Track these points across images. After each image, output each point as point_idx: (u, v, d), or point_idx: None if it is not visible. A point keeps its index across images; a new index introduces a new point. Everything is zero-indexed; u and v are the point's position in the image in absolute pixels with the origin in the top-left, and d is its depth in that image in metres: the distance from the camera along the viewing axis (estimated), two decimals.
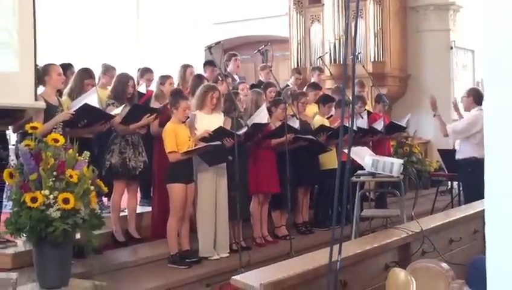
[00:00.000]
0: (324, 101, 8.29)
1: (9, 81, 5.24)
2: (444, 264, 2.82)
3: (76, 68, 6.98)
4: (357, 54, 10.95)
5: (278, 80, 8.23)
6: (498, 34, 1.93)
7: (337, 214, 2.59)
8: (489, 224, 1.88)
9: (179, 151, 6.17)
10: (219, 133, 6.42)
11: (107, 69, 7.55)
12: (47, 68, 5.86)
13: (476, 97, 7.69)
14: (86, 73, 6.59)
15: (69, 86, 6.45)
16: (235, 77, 8.81)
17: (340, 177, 2.37)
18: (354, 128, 7.43)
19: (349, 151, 2.49)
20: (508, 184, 1.84)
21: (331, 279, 2.49)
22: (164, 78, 7.37)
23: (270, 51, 9.31)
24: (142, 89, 7.68)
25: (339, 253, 2.43)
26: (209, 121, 6.55)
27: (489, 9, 1.95)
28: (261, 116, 7.03)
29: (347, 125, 5.97)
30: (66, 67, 6.76)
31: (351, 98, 4.69)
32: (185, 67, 7.91)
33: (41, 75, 5.73)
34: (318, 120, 8.06)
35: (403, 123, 9.26)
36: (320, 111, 8.25)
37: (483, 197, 1.94)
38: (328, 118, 8.24)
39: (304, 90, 8.54)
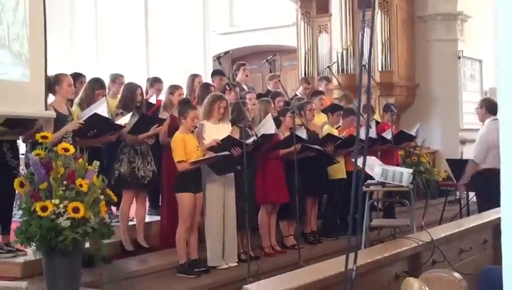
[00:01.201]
0: (332, 110, 8.31)
1: (20, 91, 5.28)
2: (457, 274, 2.81)
3: (87, 78, 7.00)
4: (365, 63, 10.97)
5: (286, 89, 8.24)
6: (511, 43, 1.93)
7: (353, 222, 2.59)
8: (506, 234, 1.88)
9: (188, 160, 6.18)
10: (227, 142, 6.43)
11: (116, 77, 7.58)
12: (58, 78, 5.88)
13: (488, 107, 7.68)
14: (97, 83, 6.61)
15: (79, 95, 6.46)
16: (244, 86, 8.82)
17: (355, 186, 2.37)
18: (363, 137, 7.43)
19: (364, 162, 2.49)
20: None
21: (347, 287, 2.49)
22: (173, 88, 7.36)
23: (278, 61, 9.34)
24: (152, 100, 7.68)
25: (355, 262, 2.42)
26: (217, 131, 6.56)
27: (502, 17, 1.95)
28: (267, 126, 7.02)
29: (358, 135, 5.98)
30: (76, 77, 6.78)
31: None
32: (193, 76, 7.92)
33: (52, 84, 5.76)
34: (326, 129, 8.07)
35: (413, 133, 9.25)
36: (329, 120, 8.26)
37: (495, 208, 1.93)
38: (337, 128, 8.25)
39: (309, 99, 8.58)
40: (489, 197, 1.80)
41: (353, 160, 5.70)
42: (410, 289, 2.71)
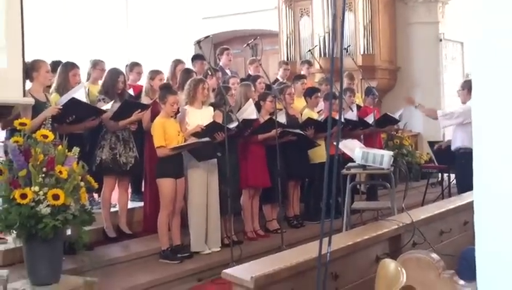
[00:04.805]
0: (310, 93, 8.30)
1: None
2: (435, 255, 2.83)
3: None
4: (346, 47, 10.97)
5: (268, 73, 8.23)
6: (486, 26, 1.94)
7: (327, 207, 2.60)
8: (478, 214, 1.89)
9: (168, 146, 6.17)
10: (212, 128, 6.42)
11: (96, 63, 7.50)
12: (35, 64, 5.81)
13: (471, 89, 7.72)
14: (69, 64, 6.56)
15: (55, 82, 6.41)
16: (227, 71, 8.80)
17: (328, 170, 2.37)
18: (342, 120, 7.43)
19: (337, 143, 2.49)
20: (496, 174, 1.85)
21: (321, 271, 2.50)
22: (154, 74, 7.33)
23: (260, 45, 9.28)
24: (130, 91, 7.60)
25: (329, 245, 2.43)
26: (200, 116, 6.55)
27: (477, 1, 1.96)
28: (249, 111, 7.02)
29: (335, 117, 6.00)
30: (56, 65, 6.72)
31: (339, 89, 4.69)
32: (176, 62, 7.88)
33: (29, 70, 5.69)
34: (306, 113, 8.07)
35: (396, 116, 9.29)
36: (308, 104, 8.26)
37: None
38: (318, 112, 8.25)
39: (290, 82, 8.59)
40: (469, 177, 1.82)
41: (334, 143, 5.71)
42: (387, 271, 2.72)
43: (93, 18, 13.16)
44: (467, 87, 7.91)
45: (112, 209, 6.76)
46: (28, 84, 5.75)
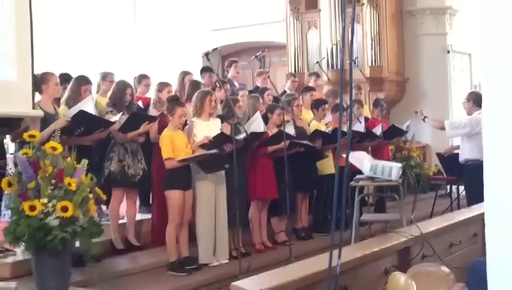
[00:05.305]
0: (317, 105, 8.29)
1: (7, 90, 5.24)
2: (445, 268, 2.81)
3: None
4: (354, 58, 10.98)
5: (276, 85, 8.24)
6: (496, 37, 1.93)
7: (337, 219, 2.59)
8: (489, 227, 1.88)
9: (176, 158, 6.18)
10: (220, 139, 6.42)
11: (106, 75, 7.55)
12: (45, 77, 5.85)
13: (476, 100, 7.74)
14: (83, 79, 6.58)
15: (66, 94, 6.44)
16: (235, 83, 8.82)
17: (338, 182, 2.36)
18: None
19: (347, 155, 2.48)
20: (508, 186, 1.84)
21: (331, 284, 2.49)
22: (162, 86, 7.36)
23: (268, 57, 9.30)
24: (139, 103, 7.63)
25: (339, 257, 2.42)
26: (208, 128, 6.55)
27: (487, 12, 1.96)
28: (256, 124, 7.03)
29: (343, 129, 5.98)
30: (65, 77, 6.75)
31: (347, 101, 4.67)
32: (184, 74, 7.90)
33: (38, 83, 5.72)
34: (314, 125, 8.06)
35: (403, 128, 9.27)
36: (315, 116, 8.24)
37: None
38: (326, 125, 8.24)
39: (299, 94, 8.59)
40: (479, 189, 1.82)
41: (342, 155, 5.70)
42: (397, 284, 2.71)
43: (101, 30, 13.24)
44: (472, 98, 7.91)
45: (120, 221, 6.76)
46: (37, 97, 5.78)
